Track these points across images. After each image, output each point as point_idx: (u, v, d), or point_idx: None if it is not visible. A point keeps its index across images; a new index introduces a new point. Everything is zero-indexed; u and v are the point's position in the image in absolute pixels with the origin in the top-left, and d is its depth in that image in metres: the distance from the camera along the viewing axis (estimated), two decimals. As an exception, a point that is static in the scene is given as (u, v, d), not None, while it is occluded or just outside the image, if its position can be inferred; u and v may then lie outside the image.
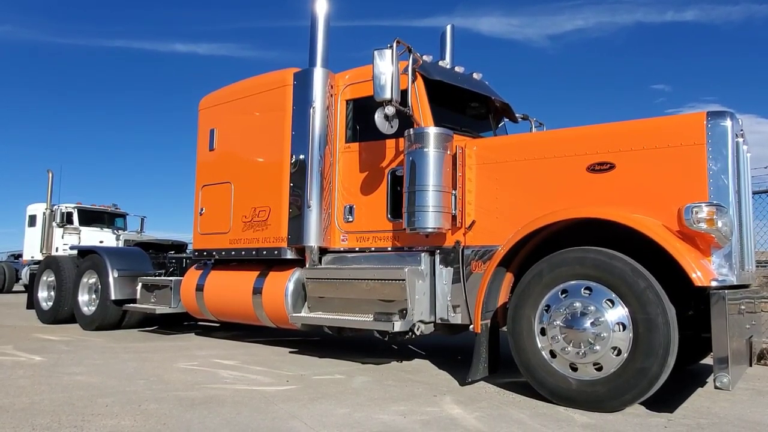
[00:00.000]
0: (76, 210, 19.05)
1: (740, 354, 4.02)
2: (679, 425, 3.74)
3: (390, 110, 5.30)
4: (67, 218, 18.83)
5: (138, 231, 20.16)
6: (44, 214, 19.05)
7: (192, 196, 7.56)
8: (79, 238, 18.50)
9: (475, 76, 6.63)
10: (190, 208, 7.59)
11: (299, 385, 4.85)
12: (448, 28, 8.41)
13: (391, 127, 5.41)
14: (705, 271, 3.87)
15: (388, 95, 5.23)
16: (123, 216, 20.53)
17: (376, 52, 5.31)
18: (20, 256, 21.26)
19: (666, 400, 4.27)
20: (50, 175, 19.16)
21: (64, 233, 18.62)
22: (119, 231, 19.05)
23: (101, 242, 18.26)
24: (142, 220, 20.48)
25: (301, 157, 6.20)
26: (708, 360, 5.14)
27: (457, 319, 5.31)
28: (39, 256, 19.13)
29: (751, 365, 4.57)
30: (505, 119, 7.12)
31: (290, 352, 6.71)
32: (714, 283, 3.81)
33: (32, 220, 19.78)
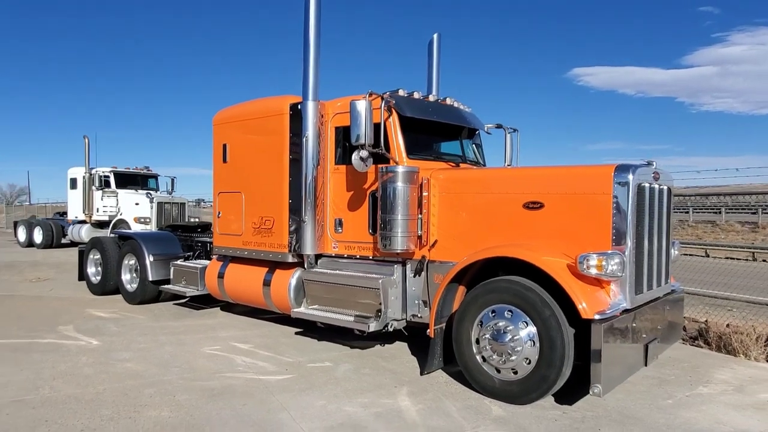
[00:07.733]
0: (112, 174, 20.71)
1: (619, 368, 5.17)
2: (567, 418, 5.04)
3: (364, 153, 6.39)
4: (105, 182, 20.53)
5: (169, 191, 21.78)
6: (84, 178, 20.80)
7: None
8: (117, 199, 20.23)
9: (448, 101, 7.58)
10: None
11: (295, 374, 6.27)
12: (435, 37, 9.25)
13: (366, 165, 6.51)
14: (591, 305, 5.00)
15: (362, 140, 6.32)
16: (155, 177, 22.13)
17: (352, 102, 6.36)
18: (65, 213, 23.23)
19: (576, 393, 5.48)
20: (86, 141, 20.74)
21: (103, 196, 20.38)
22: (152, 193, 20.65)
23: (137, 204, 19.97)
24: (173, 180, 22.09)
25: (298, 178, 7.37)
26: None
27: (424, 318, 6.60)
28: (82, 216, 21.02)
29: (646, 365, 5.76)
30: (479, 131, 8.11)
31: (296, 333, 8.16)
32: (597, 316, 4.95)
33: (73, 183, 21.55)
